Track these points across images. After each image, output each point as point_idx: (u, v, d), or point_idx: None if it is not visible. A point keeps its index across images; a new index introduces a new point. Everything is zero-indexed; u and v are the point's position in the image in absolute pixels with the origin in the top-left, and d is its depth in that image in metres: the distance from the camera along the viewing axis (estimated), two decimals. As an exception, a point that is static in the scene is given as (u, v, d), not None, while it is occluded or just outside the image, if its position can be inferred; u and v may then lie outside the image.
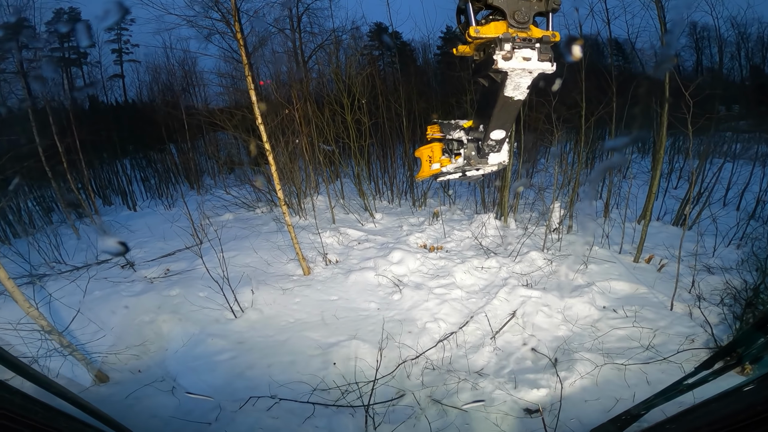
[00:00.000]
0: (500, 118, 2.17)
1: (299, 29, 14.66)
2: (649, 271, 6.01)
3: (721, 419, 1.50)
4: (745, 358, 1.66)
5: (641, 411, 2.19)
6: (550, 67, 1.72)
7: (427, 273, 5.91)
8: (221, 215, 9.02)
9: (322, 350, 4.35)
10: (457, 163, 2.74)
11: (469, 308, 5.16)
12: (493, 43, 1.72)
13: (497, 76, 1.83)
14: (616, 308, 5.09)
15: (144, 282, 5.81)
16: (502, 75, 1.79)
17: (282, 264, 6.16)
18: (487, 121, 2.26)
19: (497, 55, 1.69)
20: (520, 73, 1.72)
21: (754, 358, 1.64)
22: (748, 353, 1.64)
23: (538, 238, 6.86)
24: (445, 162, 2.72)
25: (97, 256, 6.90)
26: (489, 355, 4.46)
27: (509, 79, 1.77)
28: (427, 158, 2.80)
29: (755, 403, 1.39)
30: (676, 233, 7.38)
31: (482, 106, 2.34)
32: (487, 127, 2.29)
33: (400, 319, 4.87)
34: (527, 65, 1.70)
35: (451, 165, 2.73)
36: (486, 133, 2.34)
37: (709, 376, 1.72)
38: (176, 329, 4.79)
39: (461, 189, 9.90)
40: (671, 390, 1.94)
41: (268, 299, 5.20)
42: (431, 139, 2.79)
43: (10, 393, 1.36)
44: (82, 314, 4.69)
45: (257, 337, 4.63)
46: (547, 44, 1.71)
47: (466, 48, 1.92)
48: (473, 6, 1.76)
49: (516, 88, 1.85)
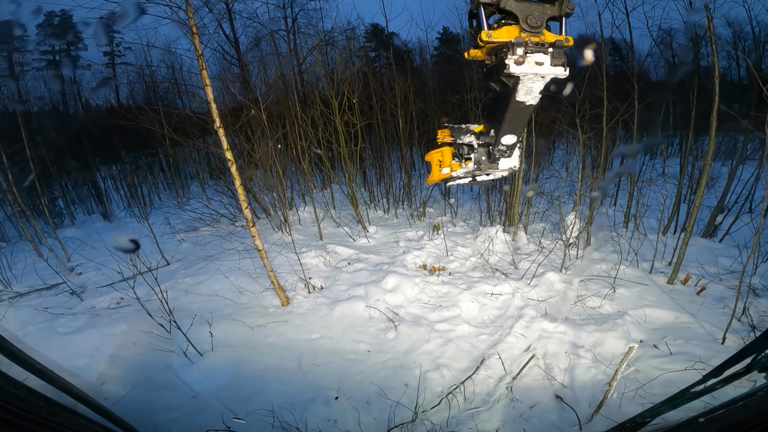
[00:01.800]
0: (512, 122, 2.17)
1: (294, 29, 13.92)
2: (686, 295, 5.11)
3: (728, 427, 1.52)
4: (754, 366, 1.55)
5: (646, 419, 2.18)
6: (563, 71, 1.72)
7: (428, 302, 4.97)
8: (198, 228, 8.11)
9: (295, 410, 3.42)
10: (468, 168, 2.77)
11: (478, 348, 4.23)
12: (506, 47, 1.73)
13: (509, 80, 1.84)
14: (656, 343, 4.20)
15: (89, 314, 4.88)
16: (514, 80, 1.79)
17: (256, 293, 5.20)
18: (498, 125, 2.26)
19: (509, 60, 1.70)
20: (532, 78, 1.72)
21: (763, 366, 1.53)
22: (757, 361, 1.54)
23: (554, 255, 5.95)
24: (455, 166, 2.77)
25: (44, 280, 5.97)
26: (504, 412, 3.55)
27: (521, 83, 1.77)
28: (437, 162, 2.88)
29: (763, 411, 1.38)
30: (706, 246, 6.50)
31: (493, 111, 2.36)
32: (498, 131, 2.29)
33: (395, 366, 3.94)
34: (540, 70, 1.71)
35: (461, 170, 2.78)
36: (497, 137, 2.35)
37: (717, 384, 1.70)
38: (117, 376, 3.87)
39: (464, 197, 8.99)
40: (678, 398, 1.91)
41: (234, 339, 4.26)
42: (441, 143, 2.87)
43: (16, 387, 1.38)
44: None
45: (215, 389, 3.69)
46: (560, 49, 1.72)
47: (478, 52, 1.94)
48: (485, 10, 1.76)
49: (528, 93, 1.86)
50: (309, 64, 11.58)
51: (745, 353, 1.61)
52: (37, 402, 1.45)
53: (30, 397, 1.42)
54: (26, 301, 5.52)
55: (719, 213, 6.77)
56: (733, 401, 1.57)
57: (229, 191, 8.46)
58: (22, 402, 1.37)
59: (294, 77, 7.95)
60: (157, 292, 4.13)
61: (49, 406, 1.49)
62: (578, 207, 6.45)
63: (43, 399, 1.49)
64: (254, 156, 6.44)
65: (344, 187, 7.94)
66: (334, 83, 7.35)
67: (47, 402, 1.51)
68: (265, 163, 6.70)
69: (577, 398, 3.62)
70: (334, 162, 8.84)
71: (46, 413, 1.46)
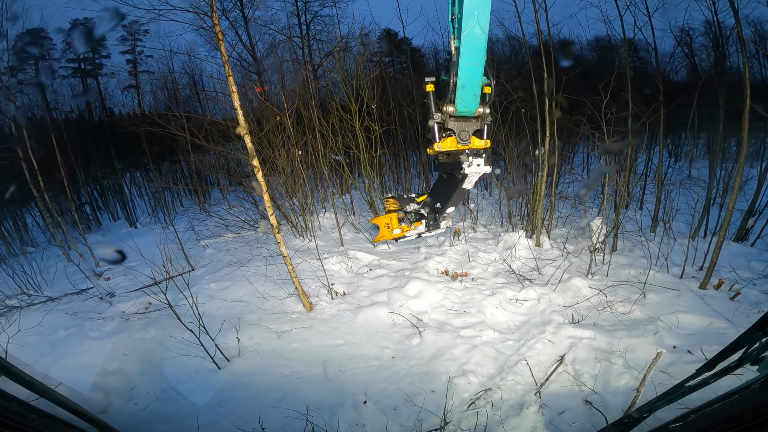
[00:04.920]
0: (456, 200, 4.26)
1: (308, 35, 14.13)
2: (720, 300, 4.94)
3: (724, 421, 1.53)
4: (746, 359, 1.58)
5: (644, 414, 2.23)
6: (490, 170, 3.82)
7: (452, 308, 4.91)
8: (221, 235, 8.22)
9: (321, 416, 3.41)
10: (419, 230, 4.94)
11: (504, 354, 4.17)
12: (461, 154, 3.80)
13: (460, 175, 3.76)
14: (690, 348, 4.07)
15: (119, 319, 4.97)
16: (463, 175, 3.69)
17: (280, 299, 5.22)
18: (446, 201, 4.34)
19: (464, 164, 3.63)
20: (474, 175, 3.71)
21: (755, 359, 1.57)
22: (749, 354, 1.57)
23: (579, 261, 5.83)
24: (405, 228, 4.64)
25: (74, 285, 6.13)
26: (534, 418, 3.48)
27: (468, 178, 3.74)
28: (385, 225, 4.75)
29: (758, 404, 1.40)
30: (738, 251, 6.29)
31: (441, 191, 4.45)
32: (444, 205, 4.38)
33: (420, 372, 3.90)
34: (478, 170, 3.60)
35: (413, 231, 4.86)
36: (443, 209, 4.44)
37: (711, 378, 1.73)
38: (146, 381, 3.93)
39: (484, 203, 8.90)
40: (673, 392, 1.97)
41: (260, 345, 4.29)
42: (388, 210, 4.89)
43: (6, 400, 1.39)
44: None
45: (242, 396, 3.71)
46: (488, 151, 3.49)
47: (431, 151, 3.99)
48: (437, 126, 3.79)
49: (469, 183, 3.79)
50: (325, 69, 11.69)
51: (736, 346, 1.63)
52: (29, 414, 1.45)
53: (21, 409, 1.42)
54: (57, 306, 5.66)
55: (750, 216, 6.55)
56: (729, 395, 1.58)
57: (250, 197, 8.58)
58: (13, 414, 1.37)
59: (309, 83, 8.01)
60: (187, 296, 4.19)
61: (42, 417, 1.49)
62: (604, 211, 6.32)
63: (36, 411, 1.49)
64: (277, 163, 6.50)
65: (363, 193, 7.95)
66: (352, 89, 7.39)
67: (39, 414, 1.51)
68: (287, 169, 6.76)
69: (608, 404, 3.53)
70: (353, 167, 8.87)
71: (40, 425, 1.46)
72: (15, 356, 4.06)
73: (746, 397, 1.50)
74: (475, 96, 4.05)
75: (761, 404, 1.39)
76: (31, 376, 1.57)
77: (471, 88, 3.98)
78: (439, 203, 4.80)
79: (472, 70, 3.85)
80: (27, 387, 1.52)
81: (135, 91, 18.88)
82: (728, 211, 4.78)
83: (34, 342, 4.55)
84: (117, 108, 17.06)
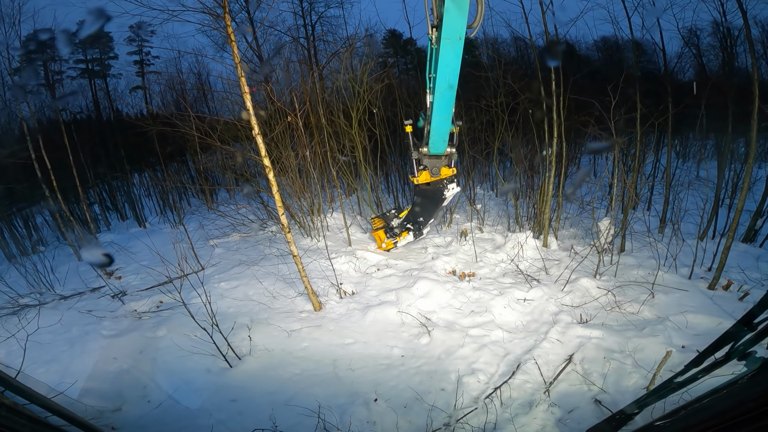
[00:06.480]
0: (436, 215, 6.24)
1: (313, 36, 14.18)
2: (729, 300, 4.95)
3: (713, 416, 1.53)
4: (733, 354, 1.58)
5: (635, 410, 2.27)
6: (460, 190, 6.07)
7: (460, 308, 4.95)
8: (229, 235, 8.28)
9: (333, 414, 3.45)
10: (408, 240, 6.41)
11: (513, 353, 4.19)
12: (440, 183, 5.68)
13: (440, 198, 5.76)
14: (699, 348, 4.04)
15: (131, 318, 5.05)
16: (443, 198, 5.71)
17: (289, 298, 5.28)
18: (427, 216, 6.15)
19: (446, 191, 5.69)
20: (451, 195, 5.71)
21: (742, 354, 1.56)
22: (735, 350, 1.57)
23: (587, 261, 5.84)
24: (390, 244, 6.44)
25: (86, 283, 6.21)
26: (543, 416, 3.50)
27: (446, 198, 5.72)
28: (378, 238, 6.54)
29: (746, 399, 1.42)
30: (747, 251, 6.28)
31: (423, 209, 6.07)
32: (427, 218, 6.19)
33: (430, 371, 3.93)
34: (453, 191, 5.69)
35: (403, 241, 6.39)
36: (426, 221, 6.22)
37: (699, 373, 1.75)
38: (159, 379, 3.99)
39: (491, 203, 8.91)
40: (663, 388, 1.99)
41: (271, 344, 4.34)
42: (376, 228, 6.53)
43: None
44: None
45: (254, 394, 3.76)
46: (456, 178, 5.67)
47: (415, 180, 5.66)
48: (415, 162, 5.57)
49: (447, 201, 5.82)
50: (330, 70, 11.73)
51: (723, 342, 1.65)
52: (19, 420, 1.43)
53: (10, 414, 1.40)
54: (69, 304, 5.74)
55: (758, 217, 6.53)
56: (717, 390, 1.60)
57: (258, 197, 8.63)
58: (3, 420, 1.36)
59: (314, 84, 8.05)
60: (200, 294, 4.24)
61: (32, 423, 1.48)
62: (612, 212, 6.32)
63: (25, 417, 1.47)
64: (287, 163, 6.55)
65: (365, 194, 7.99)
66: (356, 92, 7.42)
67: (29, 419, 1.50)
68: (296, 169, 6.81)
69: (617, 403, 3.52)
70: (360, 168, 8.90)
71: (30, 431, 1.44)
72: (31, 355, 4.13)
73: (733, 393, 1.53)
74: (444, 141, 5.34)
75: (748, 399, 1.40)
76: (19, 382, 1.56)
77: (440, 136, 5.23)
78: (422, 218, 6.20)
79: (442, 123, 5.02)
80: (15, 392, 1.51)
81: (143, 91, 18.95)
82: (737, 211, 4.78)
83: (49, 340, 4.63)
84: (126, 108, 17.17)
